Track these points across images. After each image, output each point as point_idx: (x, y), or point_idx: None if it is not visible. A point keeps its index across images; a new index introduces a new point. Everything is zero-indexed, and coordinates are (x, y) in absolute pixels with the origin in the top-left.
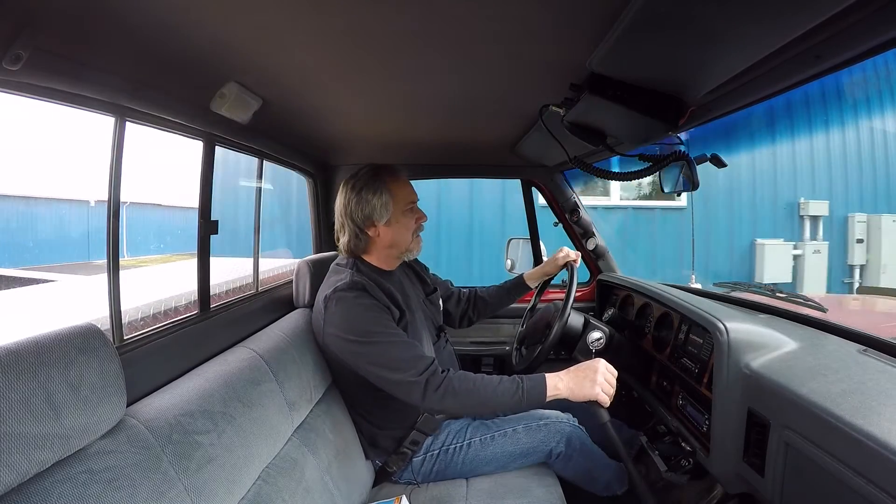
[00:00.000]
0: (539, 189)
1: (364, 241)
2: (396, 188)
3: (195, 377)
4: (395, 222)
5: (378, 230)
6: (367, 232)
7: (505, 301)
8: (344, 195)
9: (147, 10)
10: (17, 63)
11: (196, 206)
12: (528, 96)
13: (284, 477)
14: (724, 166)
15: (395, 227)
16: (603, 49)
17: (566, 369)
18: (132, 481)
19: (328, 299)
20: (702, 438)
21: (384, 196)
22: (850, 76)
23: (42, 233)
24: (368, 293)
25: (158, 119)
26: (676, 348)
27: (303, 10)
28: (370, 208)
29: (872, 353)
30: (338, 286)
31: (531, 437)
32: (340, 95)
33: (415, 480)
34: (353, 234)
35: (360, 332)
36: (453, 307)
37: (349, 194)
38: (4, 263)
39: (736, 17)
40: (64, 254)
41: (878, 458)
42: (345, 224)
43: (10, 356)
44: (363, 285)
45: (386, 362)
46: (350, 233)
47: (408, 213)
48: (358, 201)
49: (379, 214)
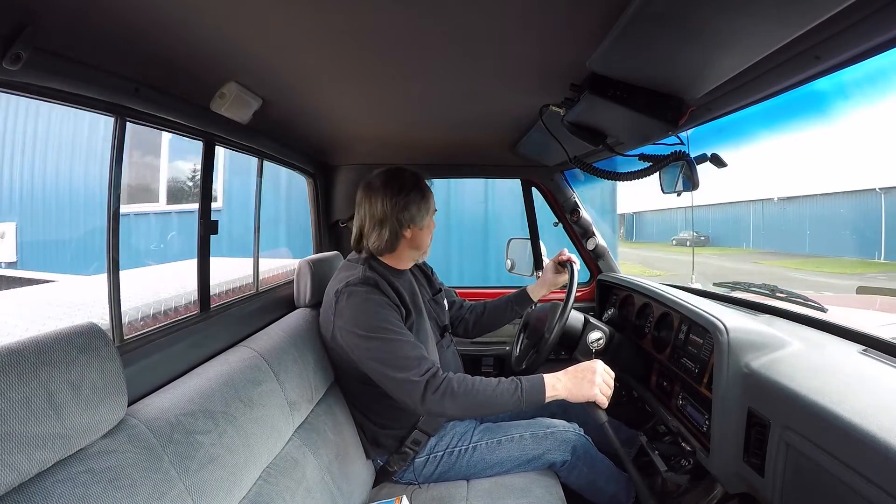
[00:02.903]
0: (539, 189)
1: (397, 241)
2: (430, 194)
3: (196, 377)
4: (426, 225)
5: (413, 232)
6: (404, 233)
7: (508, 314)
8: (385, 197)
9: (147, 10)
10: (17, 63)
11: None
12: (528, 96)
13: (285, 477)
14: (725, 166)
15: (426, 230)
16: (603, 49)
17: (564, 370)
18: (133, 481)
19: (339, 293)
20: (702, 438)
21: (427, 200)
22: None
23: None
24: (379, 289)
25: (158, 119)
26: (676, 348)
27: (303, 10)
28: (415, 209)
29: (872, 352)
30: (350, 280)
31: (537, 445)
32: (340, 95)
33: (416, 481)
34: (392, 234)
35: (367, 326)
36: (453, 315)
37: (391, 195)
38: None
39: (736, 17)
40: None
41: (879, 458)
42: (383, 224)
43: (12, 356)
44: (375, 281)
45: (389, 360)
46: (388, 233)
47: (432, 218)
48: (406, 204)
49: (420, 217)
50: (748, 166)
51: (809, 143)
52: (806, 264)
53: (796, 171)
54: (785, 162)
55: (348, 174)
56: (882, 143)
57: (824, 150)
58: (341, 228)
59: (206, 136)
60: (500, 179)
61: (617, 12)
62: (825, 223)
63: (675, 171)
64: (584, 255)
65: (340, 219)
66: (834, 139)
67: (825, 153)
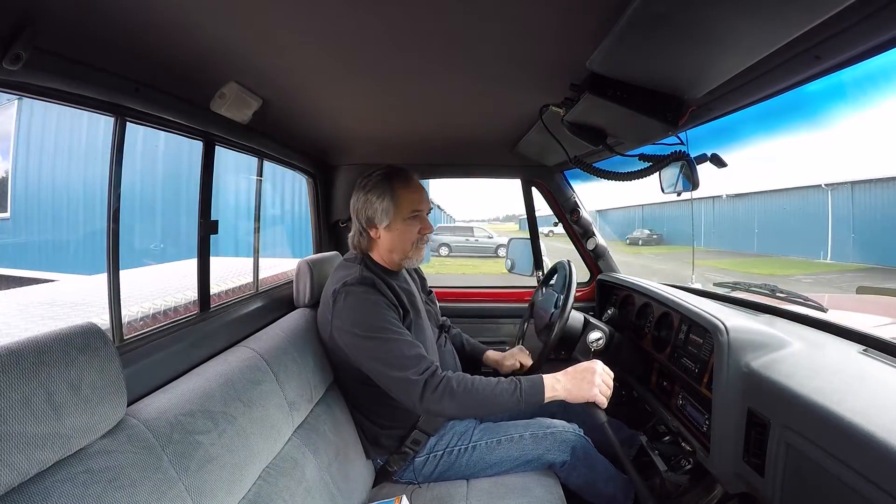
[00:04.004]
0: (539, 189)
1: (366, 239)
2: (403, 195)
3: (195, 377)
4: (394, 228)
5: (378, 232)
6: (368, 232)
7: (460, 356)
8: (355, 193)
9: (147, 11)
10: (17, 63)
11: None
12: (528, 96)
13: (285, 477)
14: (725, 166)
15: (395, 233)
16: (603, 49)
17: (563, 371)
18: (133, 481)
19: (337, 293)
20: (702, 438)
21: (386, 201)
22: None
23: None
24: (377, 289)
25: (158, 119)
26: (676, 348)
27: (302, 10)
28: (372, 210)
29: (872, 352)
30: (347, 280)
31: (537, 445)
32: (340, 95)
33: (415, 481)
34: (358, 231)
35: (365, 326)
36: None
37: (358, 192)
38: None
39: (736, 17)
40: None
41: (879, 458)
42: (356, 222)
43: (11, 356)
44: (372, 280)
45: (388, 359)
46: (355, 229)
47: (410, 222)
48: (364, 202)
49: (380, 218)
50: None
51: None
52: (738, 265)
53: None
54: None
55: (348, 174)
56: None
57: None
58: (341, 228)
59: (206, 136)
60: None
61: (617, 12)
62: (773, 221)
63: (675, 171)
64: (584, 255)
65: (340, 219)
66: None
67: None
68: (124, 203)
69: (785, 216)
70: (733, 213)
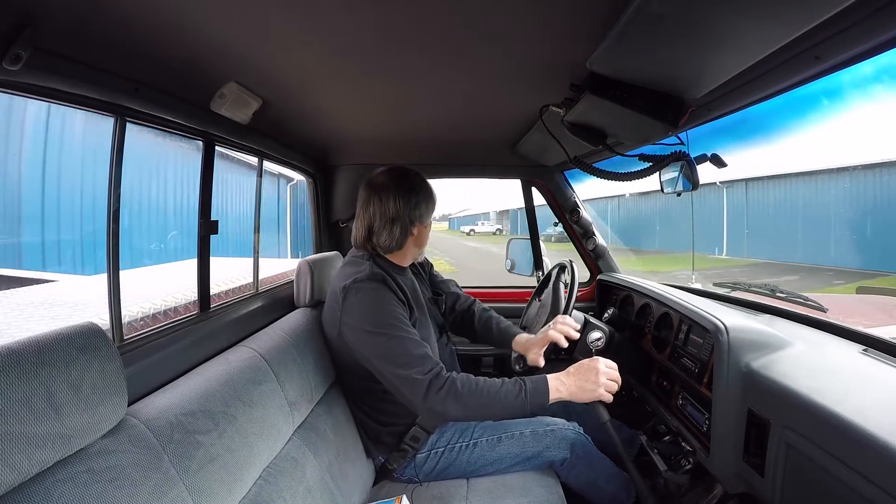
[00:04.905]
0: (539, 189)
1: (405, 239)
2: (434, 193)
3: (196, 377)
4: (427, 225)
5: (419, 229)
6: (412, 231)
7: (488, 341)
8: (398, 195)
9: (147, 11)
10: (17, 63)
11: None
12: (528, 96)
13: (285, 476)
14: (725, 166)
15: (427, 229)
16: (603, 49)
17: (566, 370)
18: (133, 481)
19: (346, 289)
20: (702, 438)
21: (431, 201)
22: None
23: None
24: (387, 286)
25: (158, 119)
26: (676, 348)
27: (302, 10)
28: (423, 209)
29: (872, 352)
30: (357, 277)
31: (537, 442)
32: (340, 95)
33: (416, 478)
34: (403, 231)
35: (375, 322)
36: (448, 310)
37: (405, 195)
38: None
39: (736, 17)
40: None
41: (879, 458)
42: (395, 222)
43: (11, 356)
44: (382, 277)
45: (395, 356)
46: (399, 231)
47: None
48: (416, 203)
49: (427, 216)
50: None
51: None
52: (624, 262)
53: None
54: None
55: (348, 174)
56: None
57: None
58: (341, 228)
59: (206, 136)
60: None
61: (617, 12)
62: (671, 219)
63: (676, 171)
64: (584, 255)
65: (340, 219)
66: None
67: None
68: (126, 203)
69: (685, 214)
70: (637, 211)
